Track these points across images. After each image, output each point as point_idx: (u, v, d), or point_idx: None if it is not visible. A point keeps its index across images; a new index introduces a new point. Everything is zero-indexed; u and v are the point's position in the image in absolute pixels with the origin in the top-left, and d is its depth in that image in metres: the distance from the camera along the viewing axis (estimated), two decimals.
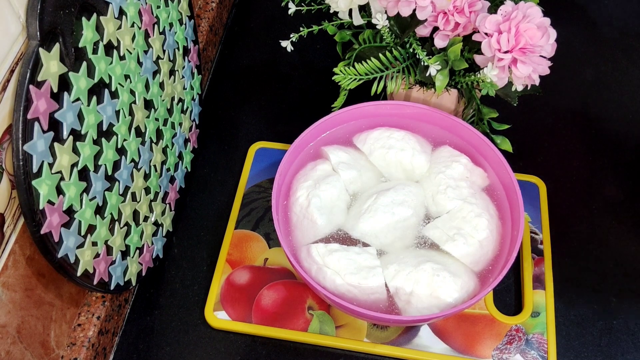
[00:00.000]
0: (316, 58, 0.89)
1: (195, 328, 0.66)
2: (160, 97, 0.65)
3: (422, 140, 0.68)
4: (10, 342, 0.50)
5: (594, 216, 0.73)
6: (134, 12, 0.56)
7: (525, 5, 0.57)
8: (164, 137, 0.67)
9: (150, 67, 0.61)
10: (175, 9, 0.67)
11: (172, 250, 0.72)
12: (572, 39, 0.90)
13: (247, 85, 0.87)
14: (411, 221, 0.63)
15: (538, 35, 0.56)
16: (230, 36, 0.94)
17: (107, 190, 0.55)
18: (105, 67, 0.52)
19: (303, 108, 0.84)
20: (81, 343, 0.59)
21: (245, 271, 0.68)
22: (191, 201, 0.76)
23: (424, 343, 0.63)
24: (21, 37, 0.45)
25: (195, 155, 0.78)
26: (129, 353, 0.65)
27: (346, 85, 0.64)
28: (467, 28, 0.60)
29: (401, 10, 0.59)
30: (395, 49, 0.65)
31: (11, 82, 0.44)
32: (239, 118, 0.83)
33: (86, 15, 0.49)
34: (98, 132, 0.52)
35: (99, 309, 0.61)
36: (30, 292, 0.52)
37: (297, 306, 0.65)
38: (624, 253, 0.70)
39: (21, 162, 0.43)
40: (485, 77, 0.59)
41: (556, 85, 0.79)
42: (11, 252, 0.48)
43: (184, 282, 0.69)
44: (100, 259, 0.55)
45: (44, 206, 0.46)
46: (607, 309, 0.66)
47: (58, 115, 0.46)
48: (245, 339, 0.65)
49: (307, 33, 0.68)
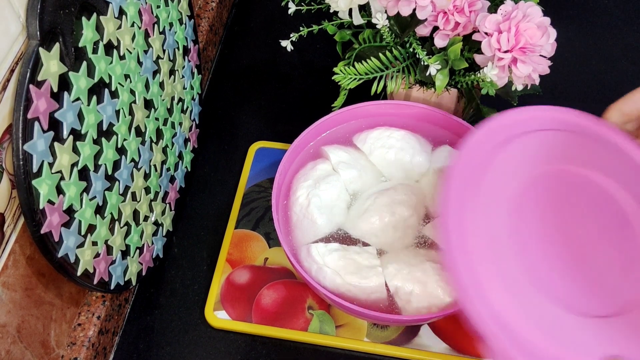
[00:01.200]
0: (316, 58, 0.89)
1: (196, 328, 0.66)
2: (160, 97, 0.65)
3: (422, 140, 0.68)
4: (11, 341, 0.50)
5: None
6: (134, 12, 0.57)
7: (525, 4, 0.57)
8: (164, 136, 0.67)
9: (150, 66, 0.61)
10: (175, 9, 0.67)
11: (172, 249, 0.72)
12: (572, 39, 0.90)
13: (247, 85, 0.87)
14: (411, 221, 0.63)
15: (538, 34, 0.56)
16: (230, 36, 0.94)
17: (107, 190, 0.55)
18: (105, 67, 0.52)
19: (303, 108, 0.84)
20: (81, 343, 0.59)
21: (245, 271, 0.68)
22: (191, 201, 0.76)
23: (424, 343, 0.63)
24: (21, 37, 0.45)
25: (195, 154, 0.78)
26: (129, 353, 0.65)
27: (346, 85, 0.64)
28: (467, 27, 0.60)
29: (401, 10, 0.59)
30: (395, 48, 0.65)
31: (11, 81, 0.44)
32: (239, 118, 0.84)
33: (86, 15, 0.49)
34: (98, 131, 0.52)
35: (99, 308, 0.61)
36: (30, 292, 0.52)
37: (297, 306, 0.65)
38: None
39: (21, 161, 0.43)
40: (485, 76, 0.59)
41: (556, 85, 0.79)
42: (11, 251, 0.48)
43: (184, 281, 0.69)
44: (101, 258, 0.55)
45: (44, 206, 0.46)
46: None
47: (58, 114, 0.46)
48: (245, 339, 0.65)
49: (307, 33, 0.68)
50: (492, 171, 0.49)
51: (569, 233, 0.48)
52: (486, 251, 0.45)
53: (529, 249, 0.46)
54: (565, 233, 0.48)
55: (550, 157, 0.50)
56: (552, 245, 0.47)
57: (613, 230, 0.48)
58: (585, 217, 0.49)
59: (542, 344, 0.42)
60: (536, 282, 0.45)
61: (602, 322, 0.44)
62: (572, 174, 0.50)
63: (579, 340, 0.43)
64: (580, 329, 0.44)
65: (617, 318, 0.44)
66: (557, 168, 0.50)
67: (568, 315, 0.44)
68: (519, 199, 0.48)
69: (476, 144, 0.50)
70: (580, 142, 0.51)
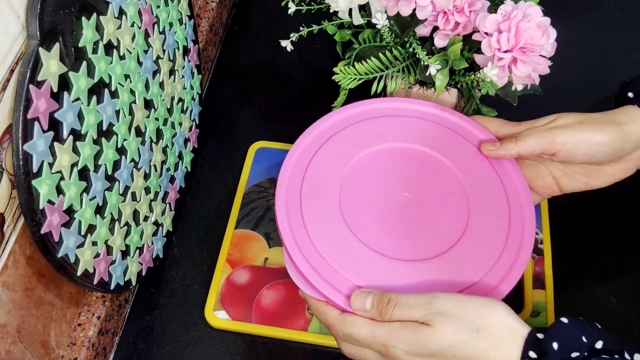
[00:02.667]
0: (316, 58, 0.89)
1: (195, 328, 0.66)
2: (160, 97, 0.65)
3: None
4: (11, 341, 0.50)
5: (594, 216, 0.73)
6: (133, 12, 0.56)
7: (525, 4, 0.57)
8: (164, 136, 0.67)
9: (150, 66, 0.61)
10: (175, 9, 0.67)
11: (172, 250, 0.72)
12: (572, 39, 0.90)
13: (247, 85, 0.87)
14: None
15: (538, 34, 0.56)
16: (230, 36, 0.94)
17: (107, 190, 0.55)
18: (105, 67, 0.52)
19: (303, 108, 0.84)
20: (81, 343, 0.59)
21: (245, 271, 0.68)
22: (191, 201, 0.76)
23: None
24: (21, 37, 0.45)
25: (195, 155, 0.78)
26: (129, 353, 0.65)
27: (346, 85, 0.64)
28: (467, 27, 0.60)
29: (401, 10, 0.59)
30: (395, 48, 0.65)
31: (11, 81, 0.44)
32: (239, 118, 0.83)
33: (86, 15, 0.49)
34: (98, 131, 0.52)
35: (99, 308, 0.61)
36: (30, 292, 0.52)
37: (297, 306, 0.65)
38: (624, 253, 0.70)
39: (21, 161, 0.43)
40: (485, 76, 0.59)
41: (556, 85, 0.79)
42: (11, 251, 0.48)
43: (184, 281, 0.69)
44: (100, 258, 0.55)
45: (44, 206, 0.46)
46: (607, 309, 0.66)
47: (58, 114, 0.46)
48: (245, 339, 0.65)
49: (307, 33, 0.68)
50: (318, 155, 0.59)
51: (396, 195, 0.57)
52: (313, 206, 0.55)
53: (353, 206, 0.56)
54: (393, 195, 0.57)
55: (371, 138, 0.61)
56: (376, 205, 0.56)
57: (440, 191, 0.58)
58: (415, 182, 0.58)
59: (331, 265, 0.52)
60: (357, 230, 0.54)
61: (413, 264, 0.52)
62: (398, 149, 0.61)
63: (372, 271, 0.51)
64: (383, 266, 0.52)
65: (428, 261, 0.52)
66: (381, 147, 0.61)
67: (378, 255, 0.52)
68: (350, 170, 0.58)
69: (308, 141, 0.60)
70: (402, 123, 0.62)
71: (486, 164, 0.59)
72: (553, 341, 0.43)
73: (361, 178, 0.58)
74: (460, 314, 0.45)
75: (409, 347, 0.45)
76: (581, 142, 0.54)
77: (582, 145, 0.54)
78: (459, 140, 0.61)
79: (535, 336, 0.44)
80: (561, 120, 0.57)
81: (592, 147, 0.55)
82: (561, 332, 0.43)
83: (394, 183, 0.58)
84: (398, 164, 0.59)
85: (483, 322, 0.44)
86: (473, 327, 0.44)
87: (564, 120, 0.56)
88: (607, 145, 0.54)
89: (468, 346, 0.44)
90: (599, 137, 0.54)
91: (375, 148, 0.60)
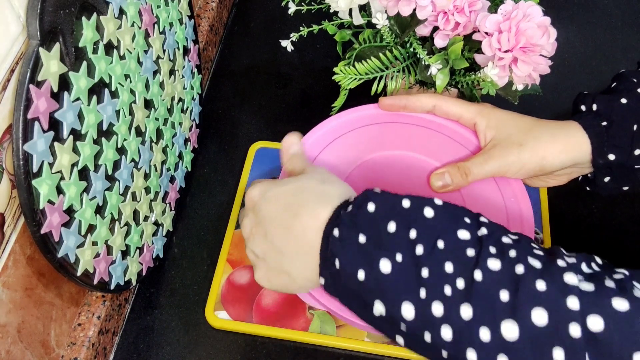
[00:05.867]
0: (316, 58, 0.89)
1: (196, 328, 0.66)
2: (161, 97, 0.65)
3: None
4: (11, 341, 0.49)
5: (594, 216, 0.73)
6: (134, 12, 0.56)
7: (526, 4, 0.57)
8: (164, 136, 0.67)
9: (150, 66, 0.61)
10: (175, 9, 0.67)
11: (172, 249, 0.72)
12: (572, 39, 0.90)
13: (247, 85, 0.87)
14: None
15: (538, 34, 0.56)
16: (230, 36, 0.94)
17: (107, 190, 0.55)
18: (105, 67, 0.52)
19: (303, 108, 0.84)
20: (81, 342, 0.59)
21: (245, 271, 0.68)
22: (191, 201, 0.76)
23: None
24: (21, 37, 0.45)
25: (196, 155, 0.78)
26: (129, 353, 0.65)
27: (346, 85, 0.64)
28: (467, 27, 0.60)
29: (401, 10, 0.59)
30: (395, 48, 0.65)
31: (11, 81, 0.44)
32: (239, 118, 0.83)
33: (86, 15, 0.49)
34: (98, 131, 0.52)
35: (99, 308, 0.61)
36: (30, 292, 0.52)
37: (297, 306, 0.65)
38: (624, 253, 0.70)
39: (21, 161, 0.43)
40: (486, 76, 0.59)
41: (556, 85, 0.79)
42: (11, 251, 0.48)
43: (184, 281, 0.69)
44: (101, 258, 0.55)
45: (44, 206, 0.46)
46: None
47: (58, 114, 0.46)
48: (246, 339, 0.65)
49: (307, 33, 0.68)
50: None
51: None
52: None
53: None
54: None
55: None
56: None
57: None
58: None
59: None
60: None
61: None
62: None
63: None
64: None
65: None
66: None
67: None
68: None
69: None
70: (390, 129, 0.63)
71: None
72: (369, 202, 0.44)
73: (360, 185, 0.58)
74: (314, 169, 0.50)
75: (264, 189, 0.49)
76: (516, 166, 0.57)
77: (518, 170, 0.57)
78: (456, 147, 0.61)
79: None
80: (499, 141, 0.58)
81: (521, 170, 0.57)
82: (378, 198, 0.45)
83: (393, 189, 0.58)
84: (396, 171, 0.60)
85: (329, 176, 0.49)
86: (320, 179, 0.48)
87: (502, 141, 0.58)
88: (531, 171, 0.57)
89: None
90: (523, 160, 0.57)
91: (374, 155, 0.61)
